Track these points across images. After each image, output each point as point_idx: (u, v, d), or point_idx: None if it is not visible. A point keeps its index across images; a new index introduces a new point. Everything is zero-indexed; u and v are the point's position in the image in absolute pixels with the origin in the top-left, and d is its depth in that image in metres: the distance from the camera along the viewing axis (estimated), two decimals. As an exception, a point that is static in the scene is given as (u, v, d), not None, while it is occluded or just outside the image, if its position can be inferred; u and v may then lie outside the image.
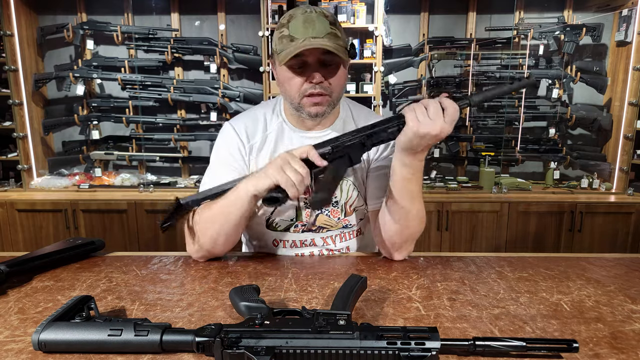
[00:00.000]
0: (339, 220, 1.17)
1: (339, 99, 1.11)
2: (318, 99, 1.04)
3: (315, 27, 0.98)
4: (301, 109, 1.07)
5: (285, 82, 1.06)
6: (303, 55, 1.00)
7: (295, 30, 0.99)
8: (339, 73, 1.06)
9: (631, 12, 2.87)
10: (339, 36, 1.01)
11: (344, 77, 1.09)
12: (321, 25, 0.99)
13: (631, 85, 2.92)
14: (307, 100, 1.05)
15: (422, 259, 1.07)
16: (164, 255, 1.11)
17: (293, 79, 1.04)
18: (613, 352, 0.66)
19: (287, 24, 1.01)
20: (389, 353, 0.60)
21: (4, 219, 2.86)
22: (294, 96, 1.06)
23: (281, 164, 0.91)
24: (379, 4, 2.82)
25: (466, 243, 2.89)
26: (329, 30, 0.99)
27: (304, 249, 1.18)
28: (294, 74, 1.03)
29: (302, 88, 1.04)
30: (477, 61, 3.10)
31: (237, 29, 3.16)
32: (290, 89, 1.06)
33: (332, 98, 1.06)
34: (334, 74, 1.05)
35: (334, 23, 1.02)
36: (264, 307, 0.70)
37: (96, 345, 0.65)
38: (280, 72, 1.06)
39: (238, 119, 1.19)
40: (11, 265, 0.92)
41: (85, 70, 3.02)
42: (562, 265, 1.03)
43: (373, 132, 0.95)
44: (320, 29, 0.98)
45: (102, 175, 3.20)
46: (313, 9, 1.02)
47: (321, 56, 1.01)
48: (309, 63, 1.02)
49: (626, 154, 3.00)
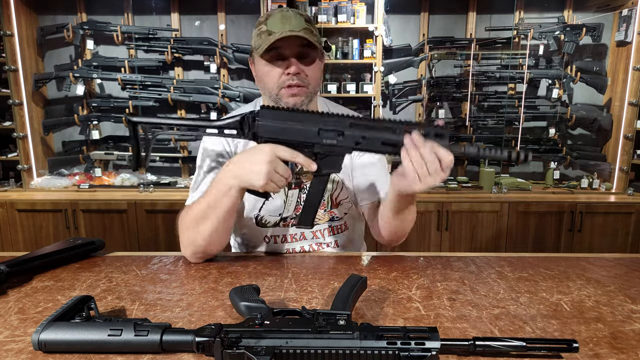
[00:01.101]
0: (325, 212, 1.23)
1: (315, 91, 1.16)
2: (295, 90, 1.09)
3: (292, 22, 1.06)
4: (279, 100, 1.11)
5: (264, 75, 1.11)
6: (280, 47, 1.06)
7: (273, 25, 1.06)
8: (315, 65, 1.12)
9: (631, 12, 2.87)
10: (313, 32, 1.09)
11: (319, 70, 1.15)
12: (297, 21, 1.06)
13: (631, 85, 2.92)
14: (285, 91, 1.10)
15: (422, 259, 1.07)
16: (164, 255, 1.11)
17: (271, 71, 1.10)
18: (613, 352, 0.66)
19: (265, 21, 1.08)
20: (389, 353, 0.60)
21: (4, 219, 2.86)
22: (272, 88, 1.11)
23: (267, 171, 0.90)
24: (379, 4, 2.82)
25: (466, 243, 2.89)
26: (304, 26, 1.07)
27: (294, 243, 1.22)
28: (272, 66, 1.09)
29: (280, 80, 1.09)
30: (477, 61, 3.10)
31: (237, 29, 3.16)
32: (268, 81, 1.11)
33: (309, 89, 1.12)
34: (310, 66, 1.11)
35: (309, 21, 1.10)
36: (264, 307, 0.70)
37: (96, 345, 0.65)
38: (259, 66, 1.12)
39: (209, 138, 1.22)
40: (11, 265, 0.92)
41: (85, 70, 3.02)
42: (562, 265, 1.03)
43: (368, 137, 0.90)
44: (296, 24, 1.06)
45: (102, 175, 3.20)
46: (289, 9, 1.10)
47: (298, 49, 1.08)
48: (286, 55, 1.08)
49: (626, 154, 3.00)
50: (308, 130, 0.91)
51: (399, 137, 0.87)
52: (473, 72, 3.08)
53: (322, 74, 1.20)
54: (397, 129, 0.88)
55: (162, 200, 2.85)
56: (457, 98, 3.16)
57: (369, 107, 2.94)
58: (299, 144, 0.92)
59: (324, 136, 0.91)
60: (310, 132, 0.91)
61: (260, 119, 0.92)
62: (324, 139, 0.91)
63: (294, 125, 0.91)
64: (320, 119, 0.91)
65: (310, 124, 0.91)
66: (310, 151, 0.92)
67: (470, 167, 3.32)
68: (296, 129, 0.91)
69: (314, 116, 0.91)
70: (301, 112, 0.92)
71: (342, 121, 0.90)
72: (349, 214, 1.27)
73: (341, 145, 0.91)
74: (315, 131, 0.91)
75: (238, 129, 0.94)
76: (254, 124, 0.92)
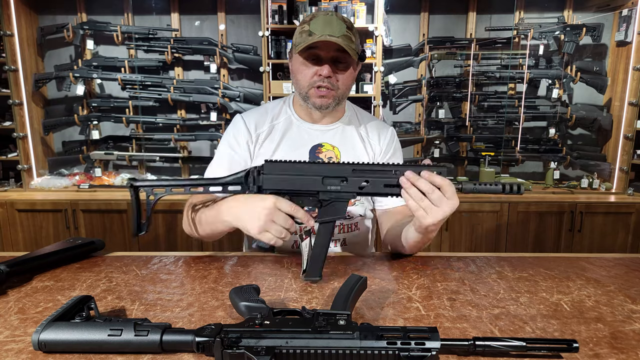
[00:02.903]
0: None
1: (344, 96, 1.20)
2: (324, 92, 1.14)
3: (333, 27, 1.09)
4: (308, 99, 1.17)
5: (298, 72, 1.16)
6: (318, 48, 1.10)
7: (315, 27, 1.10)
8: (348, 73, 1.16)
9: (631, 12, 2.87)
10: (352, 40, 1.12)
11: (351, 78, 1.18)
12: (339, 26, 1.09)
13: (631, 85, 2.92)
14: (314, 91, 1.15)
15: (422, 259, 1.07)
16: (164, 255, 1.11)
17: (305, 70, 1.15)
18: (613, 352, 0.66)
19: (309, 21, 1.12)
20: (389, 353, 0.60)
21: (4, 219, 2.86)
22: (304, 86, 1.16)
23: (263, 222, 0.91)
24: (379, 4, 2.83)
25: (466, 243, 2.89)
26: (344, 33, 1.10)
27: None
28: (307, 65, 1.14)
29: (311, 79, 1.14)
30: (477, 61, 3.10)
31: (237, 29, 3.16)
32: (301, 79, 1.16)
33: (338, 94, 1.16)
34: (343, 72, 1.15)
35: (350, 28, 1.12)
36: (264, 307, 0.70)
37: (96, 345, 0.65)
38: (295, 62, 1.17)
39: (250, 112, 1.30)
40: (11, 265, 0.92)
41: (85, 70, 3.02)
42: (562, 265, 1.03)
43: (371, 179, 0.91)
44: (337, 30, 1.09)
45: (102, 175, 3.20)
46: (334, 13, 1.13)
47: (334, 53, 1.12)
48: (322, 57, 1.12)
49: (626, 154, 3.00)
50: (312, 179, 0.92)
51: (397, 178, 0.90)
52: (473, 72, 3.08)
53: (353, 81, 1.23)
54: (397, 171, 0.90)
55: (162, 200, 2.84)
56: (457, 98, 3.16)
57: (369, 107, 2.94)
58: (304, 194, 0.93)
59: (327, 183, 0.92)
60: (315, 181, 0.92)
61: (265, 172, 0.93)
62: (328, 186, 0.92)
63: (298, 176, 0.93)
64: (323, 167, 0.92)
65: (313, 173, 0.92)
66: (315, 199, 0.93)
67: (470, 167, 3.32)
68: (300, 179, 0.92)
69: (316, 165, 0.93)
70: (304, 163, 0.93)
71: (344, 168, 0.92)
72: (365, 215, 1.29)
73: (345, 191, 0.92)
74: (320, 179, 0.92)
75: (243, 184, 0.96)
76: (258, 178, 0.94)
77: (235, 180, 0.96)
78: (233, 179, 0.96)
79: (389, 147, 1.30)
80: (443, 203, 0.88)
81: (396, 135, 1.34)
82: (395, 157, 1.31)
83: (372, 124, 1.32)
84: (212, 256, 1.11)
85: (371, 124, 1.31)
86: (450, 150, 3.23)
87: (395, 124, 3.22)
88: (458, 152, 3.23)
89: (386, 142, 1.30)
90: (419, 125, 3.23)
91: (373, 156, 1.28)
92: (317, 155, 1.23)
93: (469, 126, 3.16)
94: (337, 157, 1.24)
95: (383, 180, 0.91)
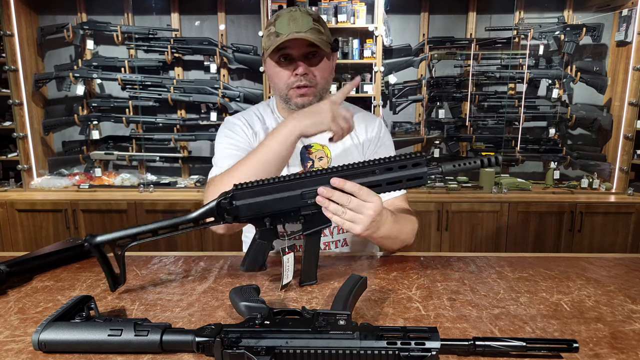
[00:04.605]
0: None
1: (325, 90, 1.17)
2: (304, 90, 1.12)
3: (298, 23, 1.06)
4: (289, 100, 1.15)
5: (274, 76, 1.14)
6: (287, 47, 1.08)
7: (281, 27, 1.07)
8: (323, 65, 1.13)
9: (631, 12, 2.87)
10: (321, 31, 1.09)
11: (329, 69, 1.17)
12: (304, 21, 1.07)
13: (631, 85, 2.92)
14: (293, 92, 1.13)
15: (422, 259, 1.07)
16: (164, 255, 1.11)
17: (280, 72, 1.12)
18: (613, 352, 0.66)
19: (274, 22, 1.10)
20: (389, 353, 0.60)
21: (4, 219, 2.87)
22: (282, 88, 1.14)
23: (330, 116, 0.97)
24: (379, 4, 2.83)
25: (466, 243, 2.89)
26: (311, 26, 1.07)
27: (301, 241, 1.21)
28: (280, 67, 1.12)
29: (288, 81, 1.12)
30: (477, 61, 3.10)
31: (237, 29, 3.16)
32: (278, 82, 1.14)
33: (318, 89, 1.14)
34: (318, 66, 1.13)
35: (317, 20, 1.10)
36: (264, 307, 0.70)
37: (96, 345, 0.65)
38: (269, 66, 1.15)
39: (238, 114, 1.29)
40: (11, 265, 0.92)
41: (85, 70, 3.02)
42: (562, 265, 1.03)
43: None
44: (303, 25, 1.06)
45: (102, 175, 3.20)
46: (298, 8, 1.11)
47: (305, 49, 1.09)
48: (294, 56, 1.10)
49: (626, 154, 3.00)
50: (290, 197, 0.86)
51: (379, 177, 0.86)
52: (473, 72, 3.08)
53: (332, 72, 1.20)
54: (376, 170, 0.86)
55: (162, 200, 2.85)
56: (457, 98, 3.16)
57: (369, 107, 2.94)
58: (284, 212, 0.87)
59: (308, 197, 0.86)
60: (293, 198, 0.86)
61: (237, 201, 0.86)
62: (309, 200, 0.86)
63: (274, 196, 0.86)
64: (299, 182, 0.86)
65: (290, 189, 0.86)
66: (296, 215, 0.88)
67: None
68: (277, 199, 0.86)
69: (292, 181, 0.86)
70: (278, 182, 0.86)
71: (322, 178, 0.86)
72: None
73: None
74: (298, 195, 0.86)
75: (215, 215, 0.86)
76: (232, 208, 0.86)
77: (207, 212, 0.86)
78: (204, 211, 0.86)
79: (376, 138, 1.26)
80: (364, 208, 0.85)
81: (384, 126, 1.30)
82: (384, 149, 1.26)
83: (359, 116, 1.27)
84: (212, 256, 1.11)
85: (357, 115, 1.26)
86: (450, 150, 3.23)
87: (395, 124, 3.22)
88: (458, 152, 3.23)
89: (374, 132, 1.26)
90: (419, 125, 3.23)
91: (362, 149, 1.25)
92: (308, 156, 1.22)
93: (469, 126, 3.16)
94: (327, 157, 1.22)
95: (364, 181, 0.86)
